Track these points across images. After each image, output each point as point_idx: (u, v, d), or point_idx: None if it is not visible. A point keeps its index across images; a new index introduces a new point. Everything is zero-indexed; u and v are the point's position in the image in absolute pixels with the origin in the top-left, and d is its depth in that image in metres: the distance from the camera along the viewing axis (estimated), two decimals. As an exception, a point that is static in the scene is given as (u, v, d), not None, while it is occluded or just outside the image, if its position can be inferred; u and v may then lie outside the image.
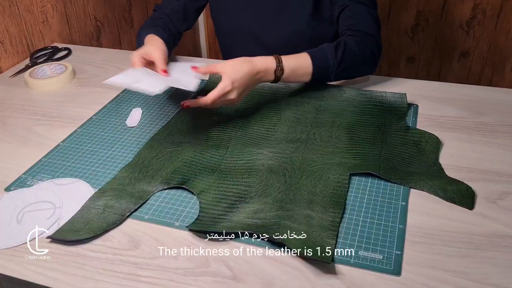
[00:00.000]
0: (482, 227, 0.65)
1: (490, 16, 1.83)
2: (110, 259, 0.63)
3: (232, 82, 0.83)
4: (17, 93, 1.08)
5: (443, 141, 0.83)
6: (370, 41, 0.96)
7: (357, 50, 0.94)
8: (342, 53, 0.92)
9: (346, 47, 0.93)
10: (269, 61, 0.89)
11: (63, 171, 0.80)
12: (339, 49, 0.93)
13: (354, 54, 0.94)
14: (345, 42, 0.94)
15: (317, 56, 0.92)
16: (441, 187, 0.71)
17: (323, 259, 0.59)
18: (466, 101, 0.96)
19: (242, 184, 0.74)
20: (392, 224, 0.66)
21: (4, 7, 1.16)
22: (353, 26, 0.97)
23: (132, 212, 0.70)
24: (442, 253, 0.61)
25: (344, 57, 0.93)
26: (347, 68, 0.95)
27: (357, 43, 0.94)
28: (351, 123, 0.88)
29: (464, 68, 1.99)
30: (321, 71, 0.93)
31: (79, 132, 0.91)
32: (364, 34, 0.96)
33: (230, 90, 0.84)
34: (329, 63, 0.92)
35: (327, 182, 0.73)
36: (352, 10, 0.99)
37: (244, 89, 0.87)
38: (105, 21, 1.58)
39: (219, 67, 0.86)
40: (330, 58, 0.92)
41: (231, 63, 0.86)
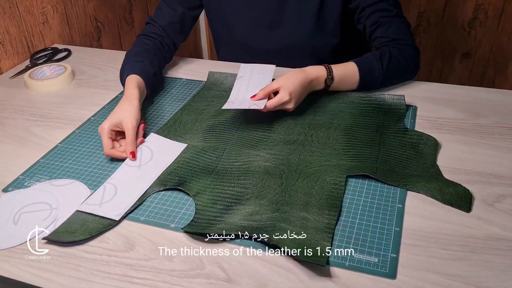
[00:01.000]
0: (479, 230, 0.65)
1: (492, 16, 1.83)
2: (105, 261, 0.63)
3: (289, 93, 0.87)
4: (17, 94, 1.08)
5: (441, 143, 0.82)
6: (410, 50, 0.99)
7: (401, 59, 0.97)
8: (388, 62, 0.95)
9: (392, 56, 0.96)
10: (320, 70, 0.93)
11: (60, 172, 0.80)
12: (385, 58, 0.96)
13: (398, 63, 0.97)
14: (390, 52, 0.97)
15: (364, 65, 0.95)
16: (438, 190, 0.71)
17: (317, 261, 0.59)
18: (464, 102, 0.95)
19: (238, 186, 0.74)
20: (388, 226, 0.66)
21: (5, 8, 1.17)
22: (391, 42, 0.99)
23: (128, 214, 0.70)
24: (437, 256, 0.61)
25: (389, 66, 0.96)
26: (392, 77, 0.98)
27: (400, 52, 0.97)
28: (348, 125, 0.88)
29: (466, 69, 1.98)
30: (367, 80, 0.95)
31: (77, 133, 0.91)
32: (403, 46, 0.99)
33: (288, 101, 0.87)
34: (375, 72, 0.95)
35: (324, 184, 0.73)
36: (386, 26, 1.00)
37: (299, 98, 0.91)
38: (105, 22, 1.58)
39: (275, 84, 0.89)
40: (376, 67, 0.95)
41: (286, 76, 0.90)
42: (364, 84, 0.96)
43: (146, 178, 0.76)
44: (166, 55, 1.10)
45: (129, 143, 0.81)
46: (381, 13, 1.00)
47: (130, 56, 1.02)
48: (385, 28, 1.00)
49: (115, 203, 0.71)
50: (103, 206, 0.71)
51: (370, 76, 0.95)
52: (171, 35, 1.10)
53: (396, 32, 1.00)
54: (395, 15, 1.00)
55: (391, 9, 1.00)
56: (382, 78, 0.96)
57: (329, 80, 0.93)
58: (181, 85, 1.08)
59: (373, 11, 1.00)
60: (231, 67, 1.13)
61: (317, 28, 1.05)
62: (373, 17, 1.00)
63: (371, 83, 0.96)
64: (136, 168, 0.78)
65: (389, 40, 1.00)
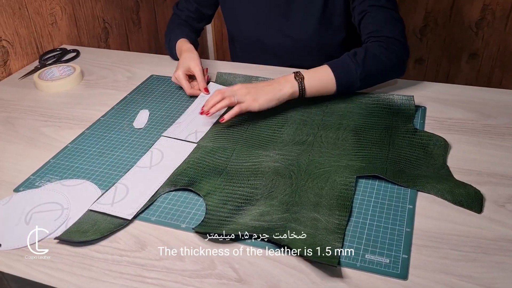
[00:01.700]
0: (490, 231, 0.65)
1: (499, 17, 1.82)
2: (117, 260, 0.63)
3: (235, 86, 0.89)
4: (26, 94, 1.09)
5: (451, 144, 0.82)
6: (394, 45, 0.93)
7: (380, 55, 0.92)
8: (363, 59, 0.90)
9: (367, 52, 0.91)
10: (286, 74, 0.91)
11: (71, 172, 0.81)
12: (359, 55, 0.91)
13: (377, 60, 0.91)
14: (366, 48, 0.92)
15: (337, 64, 0.91)
16: (449, 190, 0.71)
17: (329, 262, 0.59)
18: (474, 103, 0.95)
19: (248, 186, 0.74)
20: (399, 227, 0.66)
21: (14, 9, 1.18)
22: (375, 33, 0.95)
23: (138, 214, 0.70)
24: (449, 257, 0.61)
25: (366, 62, 0.90)
26: (371, 74, 0.92)
27: (380, 48, 0.92)
28: (358, 125, 0.88)
29: (473, 70, 1.98)
30: (344, 77, 0.90)
31: (86, 134, 0.92)
32: (387, 39, 0.94)
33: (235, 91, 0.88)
34: (350, 69, 0.90)
35: (334, 185, 0.73)
36: (372, 15, 0.97)
37: (253, 85, 0.89)
38: (113, 23, 1.58)
39: None
40: (351, 65, 0.90)
41: None
42: (342, 83, 0.91)
43: (156, 178, 0.76)
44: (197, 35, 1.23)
45: (200, 81, 1.00)
46: (370, 2, 0.97)
47: (173, 27, 1.17)
48: (371, 17, 0.97)
49: (127, 202, 0.72)
50: (115, 206, 0.71)
51: (346, 74, 0.90)
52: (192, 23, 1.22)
53: (382, 23, 0.95)
54: (384, 6, 0.97)
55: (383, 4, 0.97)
56: (360, 77, 0.90)
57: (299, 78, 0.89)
58: (189, 86, 1.08)
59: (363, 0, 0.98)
60: (239, 68, 1.14)
61: (323, 23, 1.06)
62: (362, 5, 0.98)
63: (349, 82, 0.91)
64: (147, 169, 0.79)
65: (373, 31, 0.95)
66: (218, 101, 0.87)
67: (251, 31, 1.15)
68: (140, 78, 1.13)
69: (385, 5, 0.97)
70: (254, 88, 0.88)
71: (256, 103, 0.87)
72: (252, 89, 0.88)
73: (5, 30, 1.16)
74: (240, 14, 1.14)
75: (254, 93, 0.87)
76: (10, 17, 1.17)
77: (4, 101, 1.06)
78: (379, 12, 0.96)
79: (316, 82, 0.90)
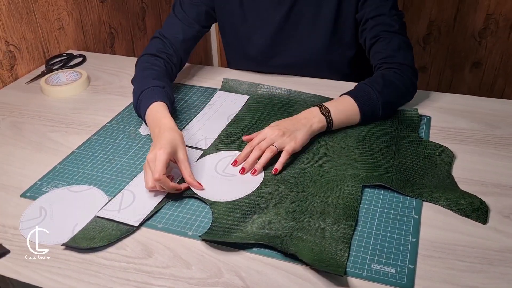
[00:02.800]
0: (496, 242, 0.65)
1: (503, 26, 1.83)
2: (124, 267, 0.64)
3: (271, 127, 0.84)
4: (33, 99, 1.09)
5: (456, 154, 0.83)
6: (408, 71, 0.94)
7: (397, 82, 0.92)
8: (382, 87, 0.90)
9: (385, 80, 0.91)
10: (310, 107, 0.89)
11: (77, 178, 0.81)
12: (378, 83, 0.90)
13: (395, 87, 0.91)
14: (383, 76, 0.92)
15: (359, 94, 0.89)
16: (454, 201, 0.71)
17: (335, 271, 0.59)
18: (479, 113, 0.95)
19: (255, 194, 0.74)
20: (404, 237, 0.66)
21: (22, 14, 1.18)
22: (389, 59, 0.95)
23: (145, 221, 0.71)
24: (455, 267, 0.61)
25: (385, 90, 0.90)
26: (391, 102, 0.92)
27: (396, 74, 0.93)
28: (363, 134, 0.88)
29: (476, 79, 1.98)
30: (367, 107, 0.89)
31: (93, 139, 0.92)
32: (400, 65, 0.94)
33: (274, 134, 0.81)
34: (372, 99, 0.89)
35: (340, 194, 0.73)
36: (385, 41, 0.96)
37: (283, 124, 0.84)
38: (119, 29, 1.59)
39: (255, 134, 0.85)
40: (373, 94, 0.89)
41: None
42: (366, 116, 0.89)
43: None
44: (172, 77, 1.05)
45: (188, 176, 0.75)
46: (383, 27, 0.97)
47: (147, 78, 0.93)
48: (385, 43, 0.96)
49: (134, 209, 0.72)
50: (121, 212, 0.71)
51: (370, 106, 0.89)
52: (180, 53, 1.05)
53: (395, 49, 0.95)
54: (397, 32, 0.97)
55: (393, 25, 0.97)
56: (382, 105, 0.89)
57: (324, 110, 0.87)
58: (195, 93, 1.08)
59: (376, 24, 0.97)
60: (244, 75, 1.14)
61: (332, 41, 1.05)
62: (375, 30, 0.98)
63: (372, 111, 0.89)
64: None
65: (387, 56, 0.95)
66: (257, 156, 0.80)
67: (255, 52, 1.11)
68: (146, 84, 1.13)
69: (398, 31, 0.97)
70: (286, 128, 0.83)
71: (298, 143, 0.82)
72: (284, 129, 0.82)
73: (12, 35, 1.17)
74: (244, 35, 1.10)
75: (289, 133, 0.82)
76: (18, 22, 1.18)
77: (11, 105, 1.06)
78: (393, 39, 0.96)
79: (342, 114, 0.88)
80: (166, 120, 0.81)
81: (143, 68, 0.98)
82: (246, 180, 0.77)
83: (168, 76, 1.00)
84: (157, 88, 0.90)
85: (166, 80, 0.96)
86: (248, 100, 1.03)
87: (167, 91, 0.92)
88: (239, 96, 1.05)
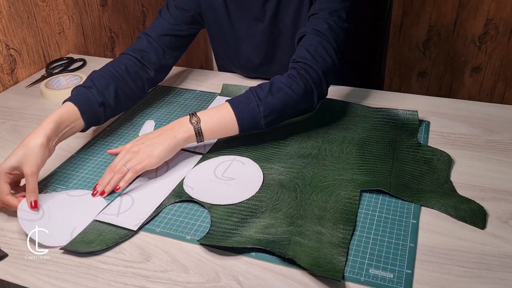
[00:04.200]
0: (494, 247, 0.65)
1: (502, 31, 1.83)
2: (122, 272, 0.64)
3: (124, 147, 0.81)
4: (33, 103, 1.10)
5: (455, 159, 0.83)
6: (310, 77, 0.86)
7: (287, 89, 0.83)
8: (266, 93, 0.82)
9: (272, 85, 0.84)
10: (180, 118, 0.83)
11: (76, 182, 0.81)
12: (264, 89, 0.83)
13: (283, 93, 0.83)
14: (272, 81, 0.85)
15: (238, 101, 0.83)
16: (453, 206, 0.71)
17: (333, 276, 0.59)
18: (478, 118, 0.95)
19: (253, 198, 0.74)
20: (402, 242, 0.66)
21: (23, 18, 1.19)
22: (298, 58, 0.88)
23: (144, 225, 0.71)
24: (453, 273, 0.61)
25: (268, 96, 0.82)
26: (276, 110, 0.83)
27: (289, 80, 0.85)
28: (362, 139, 0.88)
29: (476, 83, 1.99)
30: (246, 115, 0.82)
31: (92, 143, 0.92)
32: (305, 66, 0.86)
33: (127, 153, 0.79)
34: (252, 106, 0.82)
35: (338, 198, 0.73)
36: (306, 40, 0.90)
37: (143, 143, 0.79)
38: (119, 33, 1.60)
39: None
40: (253, 100, 0.82)
41: None
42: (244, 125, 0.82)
43: (162, 189, 0.77)
44: (144, 75, 0.99)
45: (29, 191, 0.71)
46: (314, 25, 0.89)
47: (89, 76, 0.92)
48: (306, 41, 0.89)
49: (132, 213, 0.72)
50: (120, 216, 0.71)
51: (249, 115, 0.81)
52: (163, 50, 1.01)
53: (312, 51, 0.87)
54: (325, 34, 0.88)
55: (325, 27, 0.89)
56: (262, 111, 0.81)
57: (194, 118, 0.81)
58: (195, 97, 1.09)
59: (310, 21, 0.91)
60: (244, 80, 1.15)
61: None
62: (306, 27, 0.91)
63: (252, 121, 0.82)
64: (153, 180, 0.79)
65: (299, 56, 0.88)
66: (110, 179, 0.77)
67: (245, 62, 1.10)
68: (146, 88, 1.14)
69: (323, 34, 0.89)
70: (145, 143, 0.79)
71: (152, 159, 0.77)
72: (143, 145, 0.79)
73: (13, 39, 1.17)
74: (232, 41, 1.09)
75: (146, 149, 0.78)
76: (19, 26, 1.18)
77: (11, 109, 1.07)
78: (312, 38, 0.89)
79: (215, 123, 0.81)
80: (42, 123, 0.77)
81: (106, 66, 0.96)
82: (245, 184, 0.77)
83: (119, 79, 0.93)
84: (81, 88, 0.87)
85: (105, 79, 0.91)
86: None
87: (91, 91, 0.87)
88: None
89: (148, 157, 0.78)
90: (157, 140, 0.79)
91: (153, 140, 0.79)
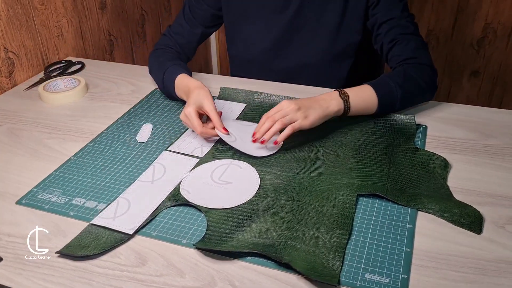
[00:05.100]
0: (490, 252, 0.65)
1: (501, 36, 1.84)
2: (117, 276, 0.64)
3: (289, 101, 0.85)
4: (31, 106, 1.10)
5: (451, 163, 0.83)
6: (427, 70, 0.97)
7: (417, 78, 0.94)
8: (403, 81, 0.92)
9: (407, 75, 0.94)
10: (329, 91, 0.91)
11: (73, 185, 0.81)
12: (399, 77, 0.93)
13: (415, 82, 0.94)
14: (404, 70, 0.94)
15: (379, 84, 0.92)
16: (449, 210, 0.71)
17: (328, 281, 0.59)
18: (474, 123, 0.96)
19: (250, 202, 0.74)
20: (399, 247, 0.66)
21: (21, 21, 1.19)
22: (409, 61, 0.97)
23: (140, 229, 0.71)
24: (448, 278, 0.61)
25: (406, 84, 0.92)
26: (410, 97, 0.95)
27: (417, 71, 0.95)
28: (359, 143, 0.88)
29: (474, 87, 1.99)
30: (386, 97, 0.91)
31: (90, 147, 0.92)
32: (420, 65, 0.97)
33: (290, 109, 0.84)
34: (391, 90, 0.91)
35: (335, 203, 0.73)
36: (403, 43, 0.99)
37: (308, 110, 0.85)
38: (118, 36, 1.60)
39: None
40: (392, 85, 0.91)
41: None
42: (384, 106, 0.92)
43: (158, 193, 0.77)
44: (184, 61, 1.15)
45: (216, 122, 0.86)
46: (399, 30, 0.99)
47: (164, 61, 1.06)
48: (403, 45, 0.99)
49: (129, 217, 0.72)
50: (116, 220, 0.71)
51: (389, 97, 0.92)
52: (186, 51, 1.17)
53: (414, 50, 0.98)
54: (413, 33, 0.99)
55: (408, 26, 1.00)
56: (400, 98, 0.92)
57: (343, 95, 0.89)
58: (192, 100, 1.09)
59: (391, 27, 1.00)
60: (242, 83, 1.15)
61: (334, 47, 1.06)
62: (391, 33, 1.00)
63: (390, 104, 0.92)
64: (149, 183, 0.79)
65: (407, 58, 0.97)
66: (268, 127, 0.84)
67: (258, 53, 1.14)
68: (144, 92, 1.14)
69: (414, 33, 1.00)
70: (303, 105, 0.85)
71: (307, 121, 0.84)
72: (301, 104, 0.85)
73: (11, 42, 1.17)
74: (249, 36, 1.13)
75: (304, 110, 0.84)
76: (17, 29, 1.18)
77: (9, 112, 1.07)
78: (410, 41, 0.99)
79: (360, 101, 0.90)
80: (191, 83, 0.94)
81: (157, 57, 1.10)
82: (242, 188, 0.77)
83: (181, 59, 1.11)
84: (175, 66, 1.03)
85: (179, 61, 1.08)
86: (245, 108, 1.03)
87: (184, 66, 1.06)
88: (236, 104, 1.05)
89: (305, 118, 0.84)
90: (313, 105, 0.86)
91: (310, 105, 0.85)
